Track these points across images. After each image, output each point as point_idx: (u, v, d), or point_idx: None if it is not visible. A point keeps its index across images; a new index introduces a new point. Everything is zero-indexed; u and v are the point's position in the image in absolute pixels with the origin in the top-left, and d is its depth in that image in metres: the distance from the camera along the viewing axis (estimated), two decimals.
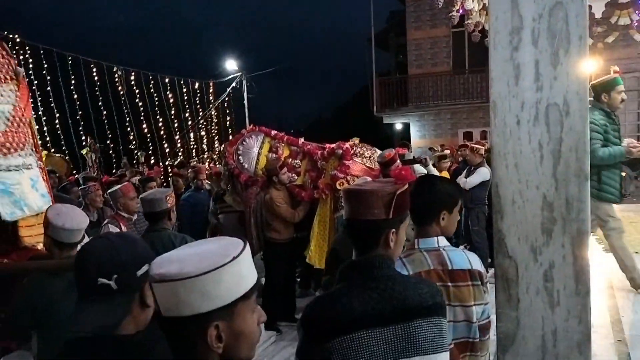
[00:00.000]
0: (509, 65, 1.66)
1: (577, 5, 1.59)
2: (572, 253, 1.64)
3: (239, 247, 1.07)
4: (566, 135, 1.61)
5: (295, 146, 5.37)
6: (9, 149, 3.06)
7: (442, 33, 17.23)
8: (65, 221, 2.45)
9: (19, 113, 3.18)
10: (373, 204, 1.34)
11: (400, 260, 1.62)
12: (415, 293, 1.31)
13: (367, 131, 19.27)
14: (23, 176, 3.14)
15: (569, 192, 1.62)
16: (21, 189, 3.10)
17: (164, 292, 1.01)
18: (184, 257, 1.04)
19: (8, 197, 3.03)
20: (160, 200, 3.46)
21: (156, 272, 1.01)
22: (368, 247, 1.36)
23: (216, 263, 1.00)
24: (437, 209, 1.65)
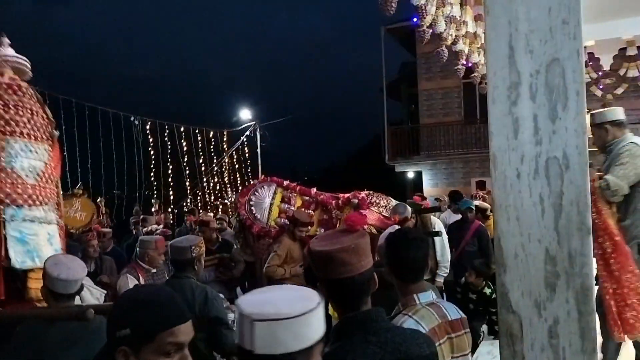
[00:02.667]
0: (508, 119, 1.68)
1: (573, 61, 1.62)
2: (577, 309, 1.61)
3: (315, 294, 1.16)
4: (567, 189, 1.61)
5: (307, 196, 5.41)
6: (35, 201, 3.25)
7: (453, 84, 17.51)
8: (61, 271, 2.48)
9: (49, 170, 3.43)
10: (366, 253, 1.35)
11: (411, 318, 1.61)
12: (413, 343, 1.31)
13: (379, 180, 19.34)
14: (41, 229, 3.30)
15: (571, 246, 1.61)
16: (37, 240, 3.23)
17: (262, 330, 1.09)
18: (272, 300, 1.12)
19: (22, 246, 3.14)
20: (186, 248, 3.52)
21: (252, 312, 1.09)
22: (361, 302, 1.36)
23: (308, 306, 1.11)
24: (427, 262, 1.66)
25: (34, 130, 3.36)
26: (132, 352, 1.30)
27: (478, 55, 4.75)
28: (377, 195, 5.25)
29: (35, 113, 3.41)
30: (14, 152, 3.22)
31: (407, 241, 1.77)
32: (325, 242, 1.43)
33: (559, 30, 1.63)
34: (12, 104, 3.29)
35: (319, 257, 1.39)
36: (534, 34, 1.65)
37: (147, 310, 1.34)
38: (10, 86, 3.36)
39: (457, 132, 17.73)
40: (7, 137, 3.23)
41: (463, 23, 3.98)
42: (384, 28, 18.74)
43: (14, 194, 3.14)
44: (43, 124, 3.47)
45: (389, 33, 19.03)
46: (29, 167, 3.28)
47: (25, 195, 3.19)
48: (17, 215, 3.15)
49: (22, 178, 3.22)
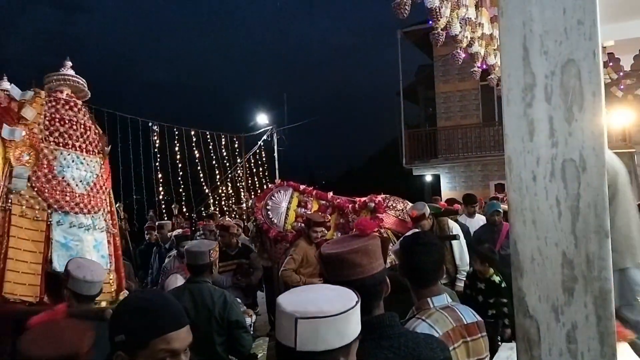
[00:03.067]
0: (523, 122, 1.67)
1: (589, 62, 1.60)
2: (596, 313, 1.58)
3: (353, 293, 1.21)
4: (584, 191, 1.58)
5: (324, 200, 5.40)
6: (82, 209, 3.54)
7: (471, 86, 17.39)
8: (87, 274, 2.55)
9: (100, 182, 3.75)
10: (377, 256, 1.35)
11: (424, 322, 1.60)
12: (427, 348, 1.30)
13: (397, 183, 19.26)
14: (87, 236, 3.56)
15: (589, 249, 1.58)
16: (81, 246, 3.48)
17: (305, 328, 1.12)
18: (312, 299, 1.16)
19: (66, 251, 3.38)
20: (204, 253, 3.57)
21: (295, 310, 1.13)
22: (373, 305, 1.36)
23: (348, 305, 1.16)
24: (441, 266, 1.65)
25: (86, 144, 3.69)
26: (128, 358, 1.33)
27: (495, 57, 4.70)
28: (394, 198, 5.23)
29: (88, 129, 3.74)
30: (65, 162, 3.52)
31: (419, 246, 1.76)
32: (337, 245, 1.44)
33: (574, 31, 1.61)
34: (67, 119, 3.61)
35: (330, 260, 1.39)
36: (549, 34, 1.63)
37: (140, 316, 1.35)
38: (68, 102, 3.67)
39: (475, 134, 17.59)
40: (60, 148, 3.53)
41: (479, 25, 3.94)
42: (400, 31, 18.69)
43: (62, 201, 3.42)
44: (95, 139, 3.80)
45: (405, 36, 18.97)
46: (79, 178, 3.57)
47: (72, 203, 3.47)
48: (63, 220, 3.40)
49: (72, 187, 3.51)
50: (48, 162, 3.47)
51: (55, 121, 3.55)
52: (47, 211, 3.35)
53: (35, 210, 3.33)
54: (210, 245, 3.64)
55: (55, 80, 3.75)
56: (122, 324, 1.34)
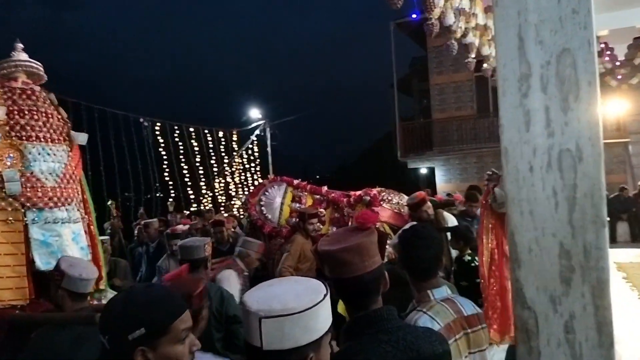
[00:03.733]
0: (519, 112, 1.66)
1: (584, 51, 1.59)
2: (593, 303, 1.58)
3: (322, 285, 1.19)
4: (580, 181, 1.58)
5: (318, 195, 5.39)
6: (56, 202, 3.35)
7: (465, 77, 17.38)
8: (82, 272, 2.54)
9: (69, 171, 3.53)
10: (371, 253, 1.34)
11: (425, 314, 1.60)
12: (426, 342, 1.29)
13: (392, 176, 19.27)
14: (65, 229, 3.39)
15: (586, 239, 1.58)
16: (61, 241, 3.32)
17: (270, 326, 1.10)
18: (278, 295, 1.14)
19: (46, 248, 3.24)
20: (199, 248, 3.54)
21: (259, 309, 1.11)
22: (370, 301, 1.35)
23: (315, 299, 1.13)
24: (440, 258, 1.64)
25: (50, 133, 3.45)
26: (150, 350, 1.33)
27: (489, 48, 4.69)
28: (389, 191, 5.23)
29: (50, 116, 3.49)
30: (31, 156, 3.31)
31: (419, 239, 1.76)
32: (332, 241, 1.42)
33: (569, 20, 1.60)
34: (27, 109, 3.37)
35: (324, 257, 1.38)
36: (544, 24, 1.62)
37: (155, 306, 1.37)
38: (24, 91, 3.42)
39: (470, 126, 17.58)
40: (24, 142, 3.31)
41: (473, 15, 3.92)
42: (393, 23, 18.62)
43: (34, 198, 3.24)
44: (59, 125, 3.55)
45: (398, 28, 18.91)
46: (48, 170, 3.36)
47: (45, 198, 3.29)
48: (38, 217, 3.25)
49: (42, 181, 3.31)
50: None
51: (15, 113, 3.32)
52: (20, 210, 3.20)
53: (8, 212, 3.18)
54: (204, 240, 3.63)
55: (7, 67, 3.47)
56: (138, 319, 1.33)
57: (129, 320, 1.32)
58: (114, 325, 1.33)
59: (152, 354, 1.33)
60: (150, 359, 1.32)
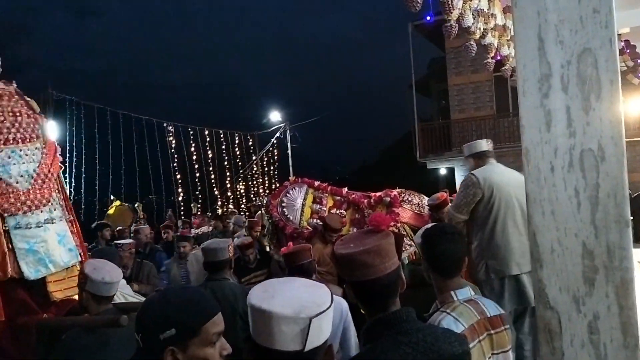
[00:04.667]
0: (540, 112, 1.65)
1: (606, 50, 1.58)
2: (618, 303, 1.57)
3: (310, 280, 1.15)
4: (603, 181, 1.57)
5: (339, 196, 5.41)
6: (30, 207, 3.14)
7: (484, 78, 17.25)
8: (105, 275, 2.57)
9: (44, 170, 3.29)
10: (390, 255, 1.35)
11: (449, 315, 1.60)
12: (445, 343, 1.30)
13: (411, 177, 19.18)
14: (48, 233, 3.20)
15: (609, 239, 1.57)
16: (46, 246, 3.16)
17: (316, 325, 1.13)
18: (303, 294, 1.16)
19: (32, 256, 3.09)
20: (223, 249, 3.58)
21: (301, 311, 1.12)
22: (388, 302, 1.36)
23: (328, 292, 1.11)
24: (464, 257, 1.65)
25: (20, 133, 3.22)
26: (180, 350, 1.35)
27: (508, 48, 4.66)
28: (409, 192, 5.22)
29: (18, 114, 3.25)
30: (0, 161, 3.11)
31: (444, 235, 1.77)
32: (349, 244, 1.43)
33: (590, 20, 1.59)
34: None
35: (343, 260, 1.39)
36: (564, 24, 1.62)
37: (187, 307, 1.38)
38: None
39: (490, 126, 17.45)
40: None
41: (491, 16, 3.91)
42: (412, 24, 18.56)
43: (5, 204, 3.06)
44: (30, 122, 3.31)
45: (416, 29, 18.84)
46: (19, 173, 3.16)
47: (18, 204, 3.09)
48: (19, 224, 3.09)
49: (13, 186, 3.11)
50: None
51: None
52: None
53: None
54: (227, 241, 3.68)
55: None
56: (169, 319, 1.34)
57: (161, 320, 1.35)
58: (147, 324, 1.36)
59: (182, 354, 1.35)
60: (180, 359, 1.35)
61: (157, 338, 1.32)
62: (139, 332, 1.35)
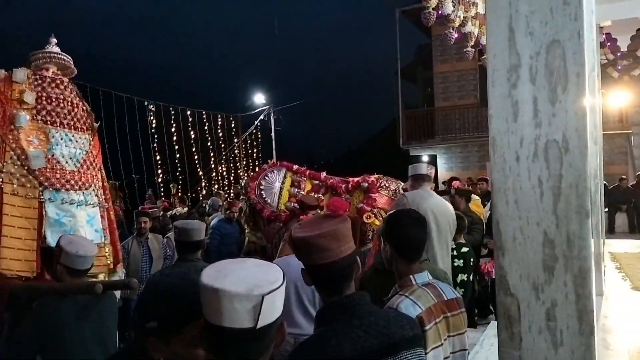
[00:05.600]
0: (508, 102, 1.67)
1: (574, 43, 1.60)
2: (575, 292, 1.61)
3: (260, 259, 1.19)
4: (566, 171, 1.60)
5: (317, 180, 5.43)
6: (73, 186, 3.59)
7: (469, 66, 17.31)
8: (79, 249, 2.63)
9: (90, 158, 3.78)
10: (346, 239, 1.36)
11: (408, 298, 1.63)
12: (397, 326, 1.33)
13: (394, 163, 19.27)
14: (80, 212, 3.60)
15: (570, 229, 1.61)
16: (74, 221, 3.53)
17: (269, 302, 1.11)
18: (255, 273, 1.14)
19: (59, 227, 3.44)
20: (200, 230, 3.60)
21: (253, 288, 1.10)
22: (343, 286, 1.38)
23: (280, 271, 1.12)
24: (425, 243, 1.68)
25: (74, 121, 3.72)
26: (162, 343, 1.33)
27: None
28: (387, 178, 5.26)
29: (76, 106, 3.77)
30: (54, 140, 3.56)
31: (411, 219, 1.79)
32: (306, 228, 1.44)
33: (560, 11, 1.61)
34: (54, 97, 3.65)
35: (300, 244, 1.41)
36: (535, 15, 1.63)
37: (172, 303, 1.33)
38: (54, 80, 3.69)
39: (473, 115, 17.56)
40: (49, 126, 3.58)
41: (472, 4, 3.92)
42: (399, 10, 18.53)
43: (52, 179, 3.47)
44: (83, 115, 3.83)
45: (404, 15, 18.79)
46: (69, 155, 3.61)
47: (63, 180, 3.51)
48: (55, 197, 3.45)
49: (62, 164, 3.56)
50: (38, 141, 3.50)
51: (43, 99, 3.58)
52: (38, 189, 3.40)
53: (27, 188, 3.37)
54: (202, 223, 3.70)
55: (41, 58, 3.75)
56: (153, 310, 1.32)
57: (147, 310, 1.33)
58: (138, 309, 1.35)
59: (164, 347, 1.31)
60: (162, 351, 1.31)
61: (143, 326, 1.31)
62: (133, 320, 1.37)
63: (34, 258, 3.31)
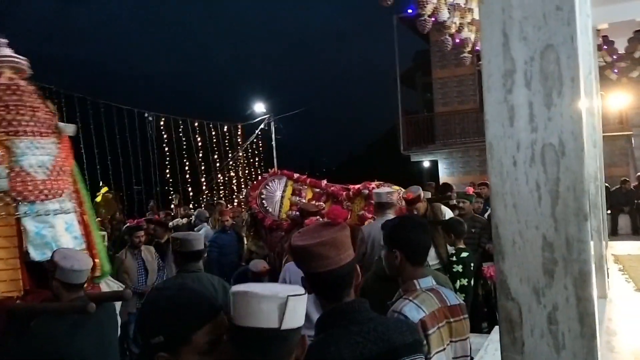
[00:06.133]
0: (503, 107, 1.69)
1: (568, 47, 1.62)
2: (575, 295, 1.61)
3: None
4: (563, 175, 1.61)
5: (318, 188, 5.44)
6: (47, 195, 3.40)
7: (468, 71, 17.35)
8: (74, 263, 2.62)
9: (59, 163, 3.56)
10: (345, 247, 1.37)
11: (412, 302, 1.63)
12: (397, 332, 1.33)
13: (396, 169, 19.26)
14: (58, 220, 3.43)
15: (568, 232, 1.61)
16: (54, 232, 3.37)
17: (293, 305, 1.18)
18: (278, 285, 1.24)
19: (41, 239, 3.28)
20: (199, 240, 3.58)
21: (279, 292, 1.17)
22: (343, 294, 1.39)
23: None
24: (429, 247, 1.69)
25: (37, 127, 3.47)
26: (171, 356, 1.30)
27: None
28: (388, 185, 5.26)
29: (37, 109, 3.51)
30: (20, 151, 3.34)
31: (416, 224, 1.81)
32: (306, 236, 1.45)
33: (553, 16, 1.62)
34: (12, 105, 3.39)
35: (299, 252, 1.42)
36: (528, 20, 1.65)
37: (175, 314, 1.32)
38: (9, 87, 3.43)
39: (473, 119, 17.57)
40: (11, 137, 3.36)
41: (468, 10, 3.94)
42: (397, 17, 18.59)
43: (25, 192, 3.28)
44: (47, 118, 3.58)
45: (401, 21, 18.86)
46: (37, 163, 3.39)
47: (36, 192, 3.32)
48: (31, 210, 3.29)
49: (31, 175, 3.35)
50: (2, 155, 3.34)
51: (1, 109, 3.37)
52: (12, 205, 3.26)
53: (1, 207, 3.24)
54: (201, 234, 3.71)
55: None
56: (157, 325, 1.30)
57: (150, 325, 1.31)
58: (140, 327, 1.34)
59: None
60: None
61: (148, 342, 1.29)
62: (136, 333, 1.36)
63: (19, 276, 3.19)
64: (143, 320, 1.34)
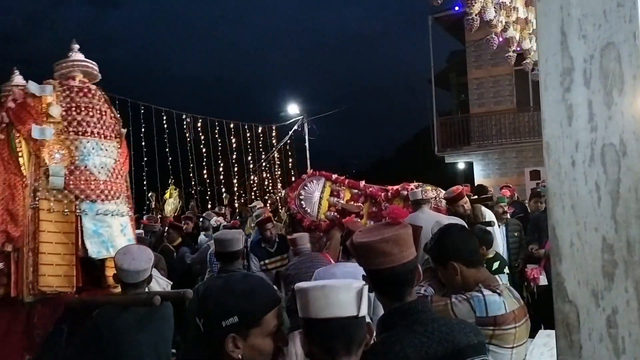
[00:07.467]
0: (561, 106, 1.66)
1: (629, 44, 1.58)
2: (637, 298, 1.57)
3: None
4: (624, 175, 1.57)
5: (356, 189, 5.44)
6: (107, 196, 3.54)
7: (505, 71, 17.06)
8: (124, 262, 2.67)
9: (118, 167, 3.73)
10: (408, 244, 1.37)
11: (499, 295, 1.62)
12: (461, 333, 1.33)
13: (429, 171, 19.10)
14: (114, 221, 3.58)
15: (629, 234, 1.57)
16: (110, 231, 3.50)
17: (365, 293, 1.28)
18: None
19: (98, 237, 3.41)
20: (237, 240, 3.61)
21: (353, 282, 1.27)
22: (405, 292, 1.38)
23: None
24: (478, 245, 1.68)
25: (103, 130, 3.64)
26: (241, 338, 1.38)
27: (530, 42, 4.62)
28: (426, 186, 5.22)
29: (104, 113, 3.69)
30: (86, 150, 3.50)
31: (456, 227, 1.82)
32: (368, 234, 1.46)
33: (614, 14, 1.59)
34: (83, 106, 3.56)
35: (362, 249, 1.42)
36: (587, 18, 1.61)
37: (251, 296, 1.40)
38: (81, 89, 3.61)
39: (509, 120, 17.27)
40: (79, 137, 3.51)
41: (513, 9, 3.88)
42: (432, 17, 18.44)
43: (87, 190, 3.41)
44: (112, 123, 3.75)
45: (436, 22, 18.70)
46: (100, 164, 3.55)
47: (97, 191, 3.46)
48: (91, 209, 3.41)
49: (95, 175, 3.49)
50: (70, 153, 3.48)
51: (72, 110, 3.52)
52: (74, 202, 3.38)
53: (64, 204, 3.35)
54: (240, 232, 3.73)
55: (66, 67, 3.69)
56: (232, 307, 1.37)
57: (224, 307, 1.38)
58: (209, 310, 1.39)
59: (242, 342, 1.37)
60: (240, 347, 1.36)
61: (219, 324, 1.34)
62: (200, 317, 1.39)
63: (73, 273, 3.26)
64: (213, 303, 1.38)
